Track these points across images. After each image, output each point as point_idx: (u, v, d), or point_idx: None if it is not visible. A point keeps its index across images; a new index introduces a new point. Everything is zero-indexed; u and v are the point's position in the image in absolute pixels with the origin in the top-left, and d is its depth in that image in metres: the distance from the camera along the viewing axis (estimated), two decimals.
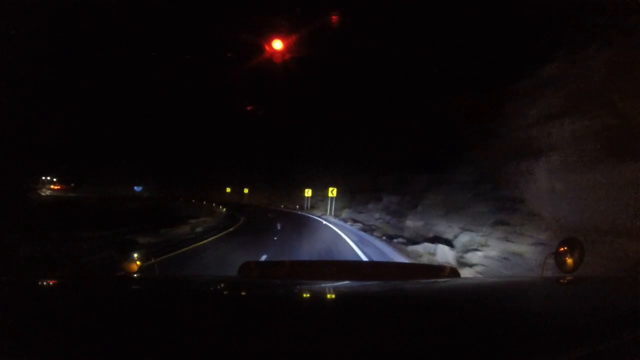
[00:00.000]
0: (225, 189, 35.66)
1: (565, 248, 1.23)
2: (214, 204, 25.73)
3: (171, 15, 9.44)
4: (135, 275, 1.27)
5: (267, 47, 6.92)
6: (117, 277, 1.34)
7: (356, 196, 18.19)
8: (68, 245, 6.70)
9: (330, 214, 19.17)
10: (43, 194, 39.91)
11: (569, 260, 1.21)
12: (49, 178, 52.67)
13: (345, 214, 18.27)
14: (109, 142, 39.06)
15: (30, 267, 5.19)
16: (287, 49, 6.93)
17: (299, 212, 23.21)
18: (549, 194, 5.73)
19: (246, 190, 33.32)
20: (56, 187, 51.43)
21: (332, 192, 19.50)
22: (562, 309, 0.92)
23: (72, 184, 51.57)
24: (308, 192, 22.91)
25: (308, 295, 1.11)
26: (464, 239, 7.30)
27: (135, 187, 41.63)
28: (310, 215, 20.32)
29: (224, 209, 21.13)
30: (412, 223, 10.63)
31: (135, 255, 1.28)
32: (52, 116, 20.44)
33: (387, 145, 14.68)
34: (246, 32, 7.62)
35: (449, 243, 7.50)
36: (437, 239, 8.03)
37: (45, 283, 1.09)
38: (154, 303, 0.94)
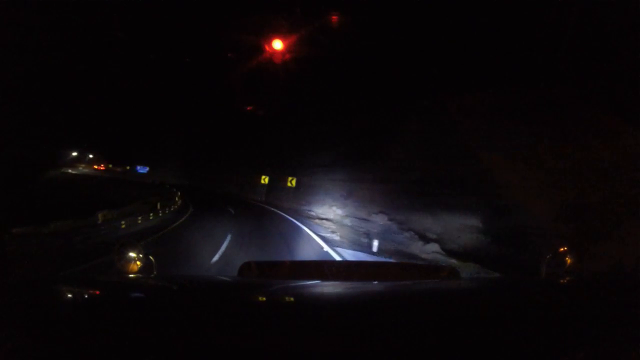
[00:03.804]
0: (261, 179, 22.88)
1: (565, 248, 1.31)
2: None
3: None
4: (134, 275, 1.28)
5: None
6: (116, 277, 1.34)
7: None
8: None
9: None
10: (70, 172, 38.86)
11: (569, 261, 1.27)
12: (91, 156, 51.98)
13: None
14: (157, 126, 39.46)
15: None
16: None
17: None
18: None
19: (293, 182, 15.99)
20: (99, 167, 51.21)
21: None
22: (562, 309, 0.93)
23: (127, 167, 50.96)
24: None
25: (308, 295, 1.15)
26: None
27: (139, 168, 29.50)
28: None
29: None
30: None
31: (134, 255, 1.29)
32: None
33: None
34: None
35: None
36: None
37: (43, 284, 1.09)
38: (153, 303, 0.97)
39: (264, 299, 1.03)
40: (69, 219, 9.85)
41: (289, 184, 18.05)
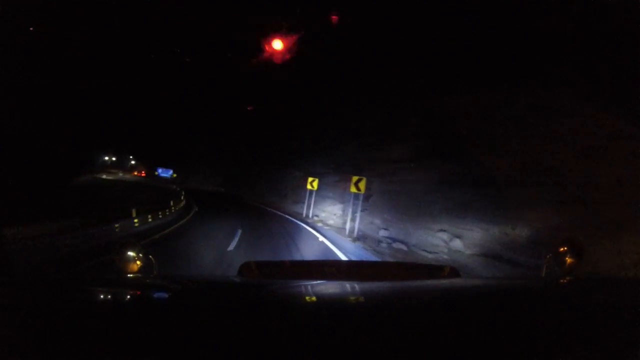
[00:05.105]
0: (308, 182, 15.73)
1: (565, 248, 1.26)
2: None
3: None
4: (134, 275, 1.28)
5: None
6: (116, 277, 1.31)
7: None
8: None
9: None
10: (105, 177, 37.33)
11: (569, 260, 1.24)
12: (133, 162, 51.64)
13: None
14: (199, 130, 38.03)
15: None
16: None
17: None
18: None
19: (361, 186, 10.05)
20: (140, 174, 50.48)
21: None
22: (562, 309, 0.93)
23: (174, 175, 50.81)
24: None
25: (308, 295, 1.15)
26: None
27: (160, 170, 25.68)
28: None
29: None
30: None
31: (133, 254, 1.28)
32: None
33: None
34: None
35: None
36: None
37: (43, 284, 1.09)
38: (153, 303, 0.97)
39: (265, 298, 1.03)
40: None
41: (353, 189, 10.96)
